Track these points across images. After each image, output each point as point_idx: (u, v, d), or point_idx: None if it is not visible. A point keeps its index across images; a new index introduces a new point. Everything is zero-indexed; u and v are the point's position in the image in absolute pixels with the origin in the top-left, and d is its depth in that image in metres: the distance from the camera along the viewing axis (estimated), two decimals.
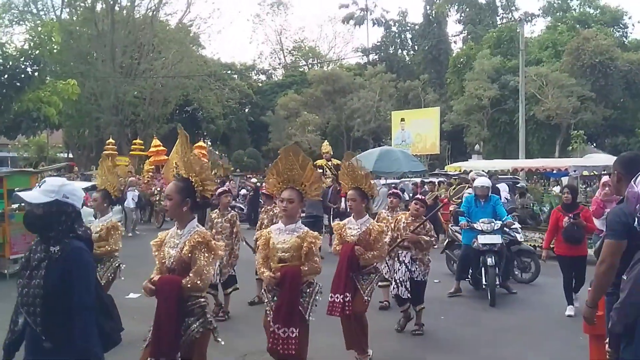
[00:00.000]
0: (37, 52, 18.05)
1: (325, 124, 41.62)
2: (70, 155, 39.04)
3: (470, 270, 8.94)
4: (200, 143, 21.26)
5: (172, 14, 40.07)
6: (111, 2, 34.76)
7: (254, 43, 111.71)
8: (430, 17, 47.48)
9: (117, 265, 6.34)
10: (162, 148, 22.14)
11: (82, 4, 35.46)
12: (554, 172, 19.01)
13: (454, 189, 15.58)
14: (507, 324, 7.55)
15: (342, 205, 13.40)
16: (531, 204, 14.51)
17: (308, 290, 4.67)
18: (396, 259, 7.10)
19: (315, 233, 4.64)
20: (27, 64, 17.98)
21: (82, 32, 34.21)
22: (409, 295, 6.85)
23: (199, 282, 3.62)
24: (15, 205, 10.56)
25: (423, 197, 7.58)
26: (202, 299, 3.76)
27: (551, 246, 8.31)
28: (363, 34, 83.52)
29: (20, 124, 19.08)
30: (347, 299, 5.36)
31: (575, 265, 7.81)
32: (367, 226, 5.59)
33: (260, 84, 50.74)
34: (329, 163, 15.54)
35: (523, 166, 18.94)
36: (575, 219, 7.73)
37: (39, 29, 19.13)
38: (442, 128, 35.62)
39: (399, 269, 6.98)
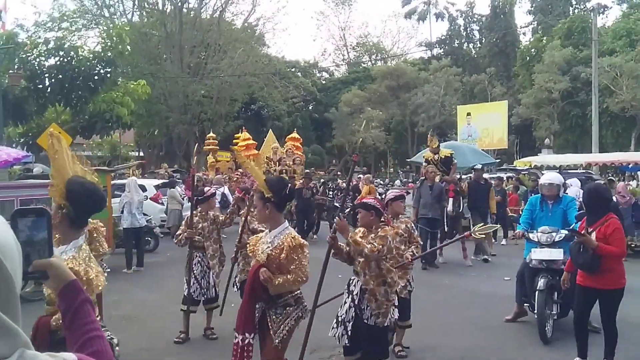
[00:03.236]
0: (110, 54, 18.77)
1: (390, 120, 41.43)
2: (141, 154, 40.37)
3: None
4: (294, 134, 19.98)
5: (237, 14, 40.79)
6: (179, 4, 35.69)
7: (318, 40, 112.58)
8: (497, 9, 46.42)
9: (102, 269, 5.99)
10: (252, 142, 20.68)
11: (152, 6, 36.62)
12: (630, 166, 18.25)
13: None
14: None
15: (449, 206, 11.84)
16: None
17: None
18: (346, 287, 4.98)
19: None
20: (100, 66, 18.72)
21: (152, 34, 35.28)
22: (347, 342, 4.69)
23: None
24: None
25: (371, 200, 5.01)
26: None
27: None
28: (427, 28, 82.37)
29: (95, 124, 19.87)
30: (247, 341, 4.01)
31: (600, 303, 5.44)
32: (280, 240, 4.06)
33: (323, 81, 50.98)
34: (436, 156, 13.36)
35: (597, 161, 18.27)
36: (578, 235, 5.30)
37: (111, 32, 19.87)
38: (510, 122, 34.75)
39: (344, 302, 4.88)
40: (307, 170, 18.79)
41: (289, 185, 4.24)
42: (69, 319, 1.54)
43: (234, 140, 20.46)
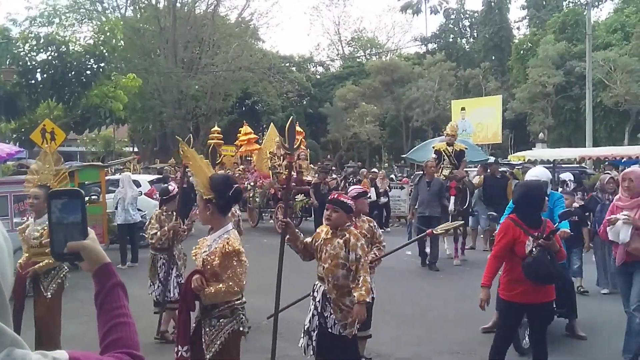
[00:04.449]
0: (102, 49, 18.66)
1: (384, 115, 41.37)
2: (136, 149, 40.26)
3: None
4: (297, 129, 19.47)
5: (232, 9, 40.71)
6: None
7: (312, 35, 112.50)
8: (492, 3, 46.41)
9: (63, 275, 5.52)
10: (253, 136, 20.01)
11: (145, 1, 36.47)
12: (623, 160, 18.29)
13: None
14: None
15: (451, 205, 11.05)
16: None
17: None
18: (311, 293, 4.75)
19: None
20: (93, 61, 18.62)
21: (146, 29, 35.14)
22: (312, 353, 4.53)
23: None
24: (86, 198, 10.99)
25: (348, 200, 4.70)
26: None
27: None
28: (422, 22, 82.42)
29: (88, 119, 19.77)
30: (180, 354, 3.63)
31: (536, 320, 4.85)
32: (217, 244, 3.69)
33: (318, 76, 50.88)
34: (449, 148, 12.13)
35: (591, 155, 18.29)
36: (548, 239, 4.61)
37: (104, 26, 19.75)
38: (505, 116, 34.76)
39: (309, 310, 4.65)
40: (322, 164, 18.29)
41: (235, 185, 3.80)
42: (100, 302, 1.53)
43: (238, 135, 20.20)
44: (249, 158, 19.70)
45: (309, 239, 4.73)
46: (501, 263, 4.88)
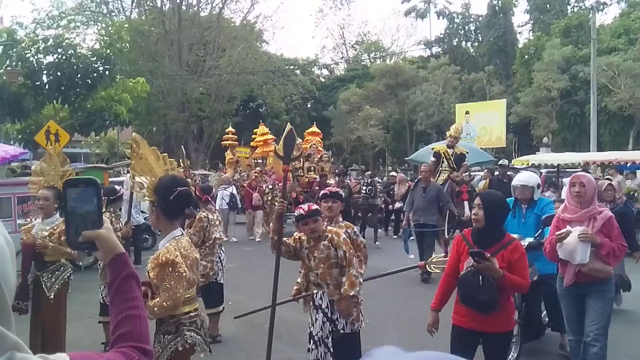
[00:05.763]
0: (108, 51, 18.76)
1: (388, 118, 41.37)
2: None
3: None
4: (314, 129, 18.75)
5: (237, 12, 40.71)
6: (178, 2, 35.61)
7: (317, 38, 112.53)
8: (497, 7, 46.41)
9: (67, 276, 5.52)
10: (270, 137, 19.56)
11: (151, 4, 36.54)
12: (628, 165, 18.25)
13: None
14: None
15: (466, 211, 10.62)
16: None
17: None
18: (311, 304, 4.66)
19: None
20: (99, 63, 18.71)
21: (151, 32, 35.20)
22: (332, 359, 4.45)
23: None
24: None
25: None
26: None
27: None
28: (426, 26, 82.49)
29: (93, 121, 19.85)
30: None
31: (486, 350, 4.22)
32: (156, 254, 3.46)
33: (322, 79, 50.86)
34: (449, 151, 11.49)
35: (595, 159, 18.25)
36: (480, 261, 3.88)
37: (110, 29, 19.85)
38: (509, 121, 34.76)
39: (315, 320, 4.52)
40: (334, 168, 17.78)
41: (181, 189, 3.45)
42: (112, 292, 1.53)
43: (253, 136, 20.07)
44: (260, 160, 19.61)
45: (289, 240, 4.70)
46: (452, 282, 4.31)
